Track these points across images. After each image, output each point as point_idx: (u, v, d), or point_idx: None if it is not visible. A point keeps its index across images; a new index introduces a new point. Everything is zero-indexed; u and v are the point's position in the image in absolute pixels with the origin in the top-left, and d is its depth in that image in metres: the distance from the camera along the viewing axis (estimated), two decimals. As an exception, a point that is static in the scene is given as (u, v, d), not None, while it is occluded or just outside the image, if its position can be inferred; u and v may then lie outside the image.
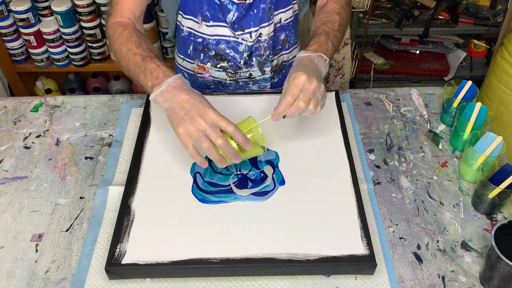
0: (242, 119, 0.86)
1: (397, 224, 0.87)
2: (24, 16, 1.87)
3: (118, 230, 0.80)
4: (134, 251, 0.78)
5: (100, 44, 2.00)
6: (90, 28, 1.93)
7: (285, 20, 1.10)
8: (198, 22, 1.05)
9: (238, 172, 0.91)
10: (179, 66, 1.19)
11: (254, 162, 0.93)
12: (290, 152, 0.95)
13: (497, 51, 1.60)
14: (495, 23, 2.14)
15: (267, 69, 1.12)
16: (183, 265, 0.76)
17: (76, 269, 0.79)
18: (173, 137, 0.98)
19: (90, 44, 2.00)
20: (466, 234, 0.85)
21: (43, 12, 1.91)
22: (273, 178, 0.90)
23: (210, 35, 1.06)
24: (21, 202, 0.90)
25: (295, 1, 1.09)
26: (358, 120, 1.07)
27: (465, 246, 0.83)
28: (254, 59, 1.09)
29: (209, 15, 1.03)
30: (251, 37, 1.05)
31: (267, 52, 1.10)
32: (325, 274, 0.78)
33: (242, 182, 0.89)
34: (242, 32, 1.05)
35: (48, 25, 1.91)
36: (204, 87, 1.18)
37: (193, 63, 1.14)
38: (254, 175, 0.90)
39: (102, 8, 1.88)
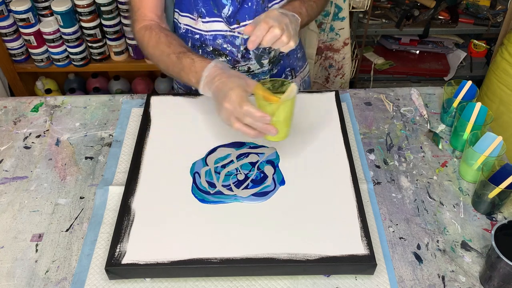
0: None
1: (397, 224, 0.87)
2: (24, 16, 1.87)
3: (118, 230, 0.80)
4: (134, 251, 0.78)
5: (100, 44, 2.00)
6: (90, 28, 1.93)
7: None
8: (194, 19, 1.06)
9: (238, 172, 0.91)
10: None
11: (254, 162, 0.93)
12: (290, 152, 0.95)
13: (497, 51, 1.60)
14: (495, 23, 2.14)
15: (265, 61, 1.12)
16: (183, 265, 0.76)
17: (76, 269, 0.79)
18: (173, 137, 0.98)
19: (90, 44, 2.00)
20: (466, 234, 0.85)
21: (43, 12, 1.92)
22: (273, 178, 0.90)
23: (207, 31, 1.06)
24: (21, 202, 0.90)
25: None
26: (358, 120, 1.07)
27: (465, 246, 0.83)
28: (251, 52, 1.09)
29: (204, 11, 1.03)
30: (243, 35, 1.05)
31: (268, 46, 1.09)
32: (325, 274, 0.78)
33: (242, 182, 0.89)
34: (238, 26, 1.04)
35: (48, 25, 1.91)
36: None
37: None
38: (255, 175, 0.90)
39: (102, 8, 1.88)
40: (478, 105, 0.96)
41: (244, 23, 1.04)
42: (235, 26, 1.04)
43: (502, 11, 2.17)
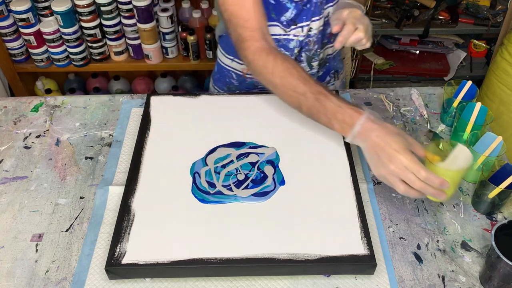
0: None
1: (397, 224, 0.87)
2: (24, 16, 1.87)
3: (118, 230, 0.80)
4: (134, 251, 0.78)
5: (100, 44, 2.00)
6: (90, 28, 1.93)
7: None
8: None
9: (238, 172, 0.91)
10: (226, 67, 1.17)
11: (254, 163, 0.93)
12: (290, 152, 0.95)
13: (497, 51, 1.60)
14: (495, 23, 2.14)
15: (315, 64, 1.12)
16: (183, 265, 0.76)
17: (76, 269, 0.79)
18: (173, 137, 0.98)
19: (90, 44, 2.00)
20: (466, 234, 0.85)
21: (43, 12, 1.92)
22: (273, 178, 0.90)
23: None
24: (21, 202, 0.90)
25: None
26: (358, 120, 1.07)
27: (465, 246, 0.83)
28: (303, 54, 1.09)
29: None
30: (302, 31, 1.05)
31: (315, 47, 1.09)
32: (325, 274, 0.78)
33: (242, 182, 0.89)
34: (295, 27, 1.04)
35: (48, 25, 1.91)
36: (252, 87, 1.17)
37: (243, 64, 1.13)
38: (255, 175, 0.90)
39: (102, 8, 1.88)
40: (478, 105, 0.96)
41: (301, 24, 1.03)
42: (292, 27, 1.04)
43: (502, 11, 2.17)
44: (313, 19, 1.04)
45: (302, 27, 1.04)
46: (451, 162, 0.79)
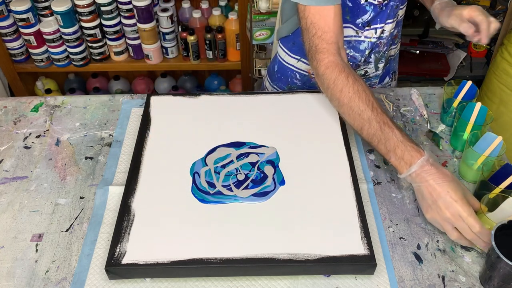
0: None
1: (397, 224, 0.87)
2: (24, 16, 1.87)
3: (118, 230, 0.80)
4: (134, 251, 0.78)
5: (100, 44, 2.01)
6: (90, 28, 1.93)
7: (400, 16, 1.11)
8: None
9: (238, 172, 0.91)
10: (290, 67, 1.17)
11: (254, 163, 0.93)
12: (290, 152, 0.95)
13: (497, 51, 1.60)
14: (495, 23, 2.14)
15: (381, 65, 1.13)
16: (183, 265, 0.76)
17: (76, 269, 0.79)
18: (173, 137, 0.98)
19: (90, 44, 2.00)
20: (466, 234, 0.85)
21: (43, 12, 1.92)
22: (273, 178, 0.90)
23: None
24: (21, 202, 0.90)
25: None
26: (358, 120, 1.07)
27: (465, 246, 0.83)
28: (372, 56, 1.10)
29: None
30: (375, 33, 1.05)
31: (384, 49, 1.11)
32: (325, 274, 0.78)
33: (242, 183, 0.89)
34: (368, 28, 1.04)
35: (48, 25, 1.91)
36: (315, 87, 1.17)
37: (309, 65, 1.12)
38: (255, 175, 0.90)
39: (102, 8, 1.88)
40: (478, 105, 0.96)
41: (375, 26, 1.04)
42: (366, 28, 1.04)
43: (502, 11, 2.17)
44: (387, 21, 1.05)
45: (375, 29, 1.05)
46: (498, 212, 0.80)
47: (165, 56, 2.09)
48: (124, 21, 1.95)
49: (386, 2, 1.02)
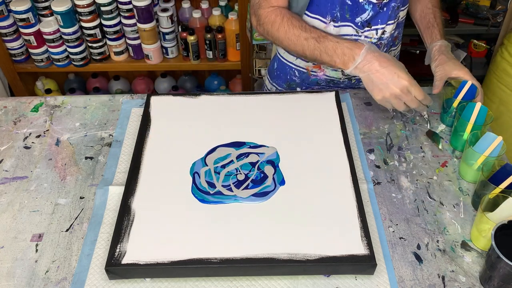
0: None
1: (397, 224, 0.87)
2: (24, 16, 1.87)
3: (118, 230, 0.80)
4: (134, 251, 0.78)
5: (100, 44, 2.00)
6: (90, 28, 1.93)
7: (401, 18, 1.12)
8: (325, 22, 1.05)
9: (238, 173, 0.91)
10: (289, 64, 1.18)
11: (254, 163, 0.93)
12: (290, 152, 0.95)
13: (497, 51, 1.60)
14: (495, 23, 2.14)
15: None
16: (183, 265, 0.76)
17: (76, 269, 0.79)
18: (173, 137, 0.98)
19: (90, 44, 2.00)
20: (466, 234, 0.85)
21: (43, 12, 1.92)
22: (273, 178, 0.90)
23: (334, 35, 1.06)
24: (21, 202, 0.90)
25: None
26: (358, 120, 1.07)
27: (465, 246, 0.83)
28: None
29: (339, 16, 1.04)
30: (376, 34, 1.06)
31: (384, 50, 1.12)
32: (325, 274, 0.78)
33: (242, 183, 0.89)
34: (369, 29, 1.05)
35: (48, 25, 1.91)
36: (314, 84, 1.19)
37: (308, 62, 1.14)
38: (255, 175, 0.90)
39: (102, 8, 1.88)
40: (478, 105, 0.96)
41: (376, 27, 1.06)
42: (366, 29, 1.06)
43: (502, 11, 2.17)
44: (389, 22, 1.06)
45: (376, 29, 1.05)
46: (498, 212, 0.81)
47: (165, 56, 2.09)
48: (124, 21, 1.95)
49: (385, 1, 1.02)
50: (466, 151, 0.92)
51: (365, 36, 1.07)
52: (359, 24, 1.05)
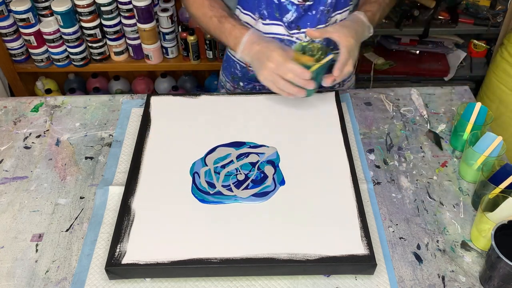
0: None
1: (397, 224, 0.87)
2: (24, 16, 1.87)
3: (118, 230, 0.80)
4: (134, 251, 0.78)
5: (100, 44, 2.00)
6: (90, 28, 1.93)
7: (340, 21, 1.09)
8: (255, 19, 1.07)
9: (238, 173, 0.91)
10: (232, 57, 1.20)
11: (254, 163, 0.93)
12: (291, 152, 0.95)
13: (497, 51, 1.60)
14: (495, 23, 2.13)
15: None
16: (183, 265, 0.76)
17: (76, 269, 0.79)
18: (173, 137, 0.98)
19: (90, 44, 2.00)
20: (466, 234, 0.85)
21: (43, 12, 1.92)
22: (273, 178, 0.90)
23: (265, 33, 1.06)
24: (21, 202, 0.91)
25: (351, 2, 1.09)
26: (358, 120, 1.07)
27: (465, 246, 0.83)
28: None
29: (266, 14, 1.04)
30: (305, 37, 1.05)
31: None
32: (325, 274, 0.79)
33: (242, 183, 0.89)
34: (298, 31, 1.05)
35: (48, 25, 1.91)
36: (254, 80, 1.18)
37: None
38: (255, 175, 0.90)
39: (102, 8, 1.88)
40: (478, 105, 0.96)
41: (304, 30, 1.05)
42: (295, 31, 1.05)
43: (502, 11, 2.17)
44: (319, 26, 1.04)
45: (305, 33, 1.04)
46: (498, 212, 0.81)
47: (165, 56, 2.09)
48: (124, 21, 1.95)
49: (309, 3, 1.01)
50: (466, 151, 0.92)
51: (297, 38, 1.06)
52: (286, 24, 1.05)
